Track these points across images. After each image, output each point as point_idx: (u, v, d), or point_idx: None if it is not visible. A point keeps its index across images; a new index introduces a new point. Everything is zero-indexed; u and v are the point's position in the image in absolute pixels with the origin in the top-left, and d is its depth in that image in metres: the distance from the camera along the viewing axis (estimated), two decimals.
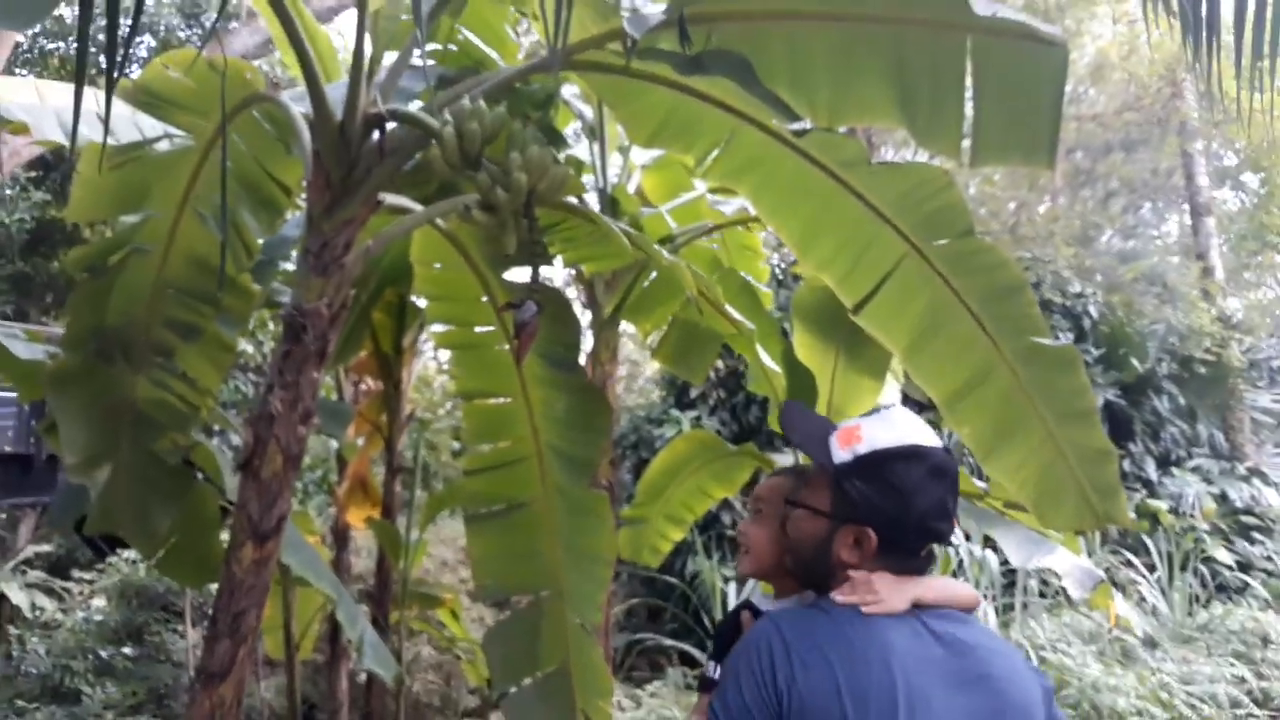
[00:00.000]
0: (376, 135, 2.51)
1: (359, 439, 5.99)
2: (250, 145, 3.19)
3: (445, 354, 6.93)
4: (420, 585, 6.04)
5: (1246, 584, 11.28)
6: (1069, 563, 4.53)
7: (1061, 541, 4.81)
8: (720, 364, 11.66)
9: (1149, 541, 10.93)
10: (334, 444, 8.70)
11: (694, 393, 12.34)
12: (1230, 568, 11.30)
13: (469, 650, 6.43)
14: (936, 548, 1.80)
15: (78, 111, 1.58)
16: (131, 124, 3.26)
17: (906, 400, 5.47)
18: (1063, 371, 2.65)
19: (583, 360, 3.74)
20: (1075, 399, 2.66)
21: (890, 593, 1.63)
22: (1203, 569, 10.99)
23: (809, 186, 2.78)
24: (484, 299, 3.34)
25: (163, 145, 3.17)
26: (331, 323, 2.49)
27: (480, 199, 2.29)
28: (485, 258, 3.17)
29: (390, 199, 2.69)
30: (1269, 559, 11.96)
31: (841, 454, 1.71)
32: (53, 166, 13.33)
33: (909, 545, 1.70)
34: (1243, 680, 8.46)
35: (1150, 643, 8.42)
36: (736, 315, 3.34)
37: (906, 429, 1.73)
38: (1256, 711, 8.34)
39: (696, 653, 9.32)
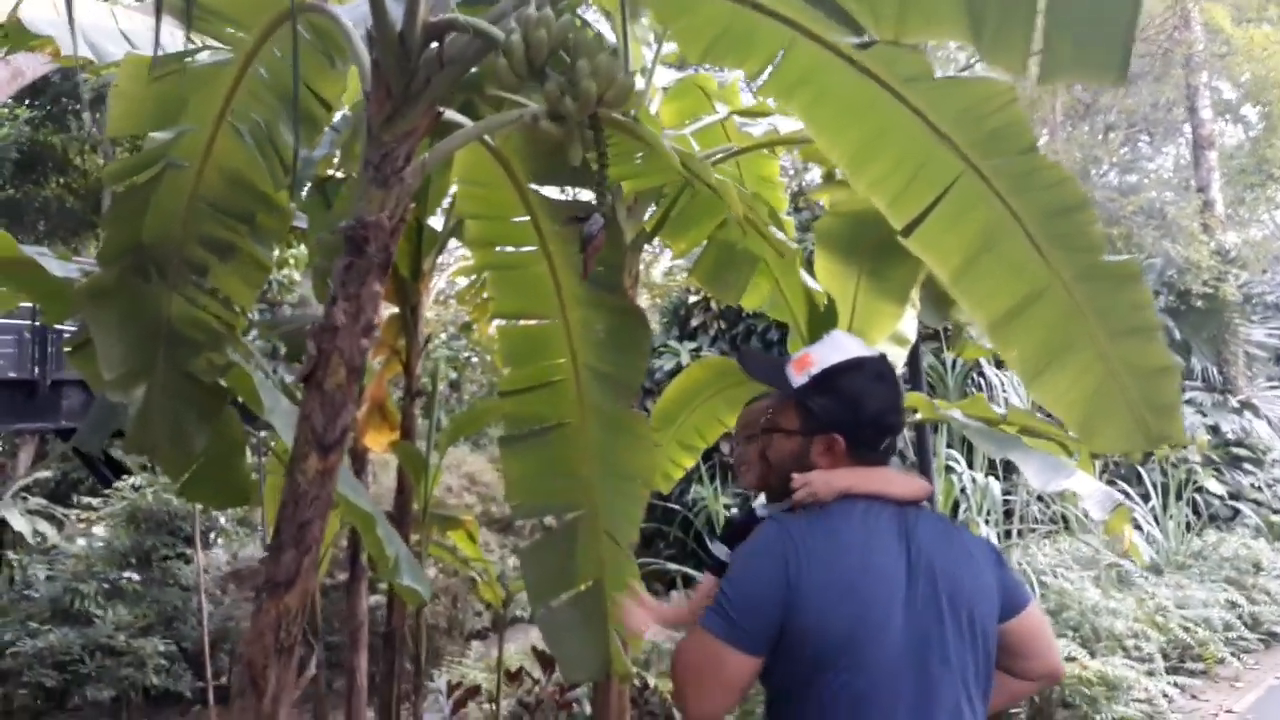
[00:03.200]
0: (435, 45, 2.47)
1: (376, 362, 5.98)
2: (291, 58, 3.14)
3: (461, 280, 6.93)
4: (438, 508, 6.09)
5: (1237, 512, 11.51)
6: (1089, 486, 4.59)
7: (1078, 466, 4.88)
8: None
9: (1142, 472, 11.11)
10: None
11: (694, 323, 12.35)
12: (1221, 498, 11.51)
13: (483, 572, 6.50)
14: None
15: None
16: (168, 38, 3.21)
17: (921, 328, 5.51)
18: (1124, 287, 2.65)
19: None
20: (1135, 315, 2.66)
21: (820, 484, 1.94)
22: (1196, 498, 11.19)
23: (865, 103, 2.75)
24: (525, 218, 3.31)
25: (203, 57, 3.12)
26: (392, 235, 2.48)
27: (548, 109, 2.27)
28: (531, 174, 3.14)
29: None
30: (1259, 489, 12.18)
31: (798, 379, 2.03)
32: (40, 91, 13.05)
33: (870, 441, 2.00)
34: (1235, 605, 8.68)
35: (1145, 569, 8.59)
36: (781, 235, 3.33)
37: (848, 347, 2.07)
38: (1248, 634, 8.59)
39: (698, 575, 9.48)
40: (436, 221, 5.21)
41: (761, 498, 2.30)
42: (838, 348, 2.07)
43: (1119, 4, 2.19)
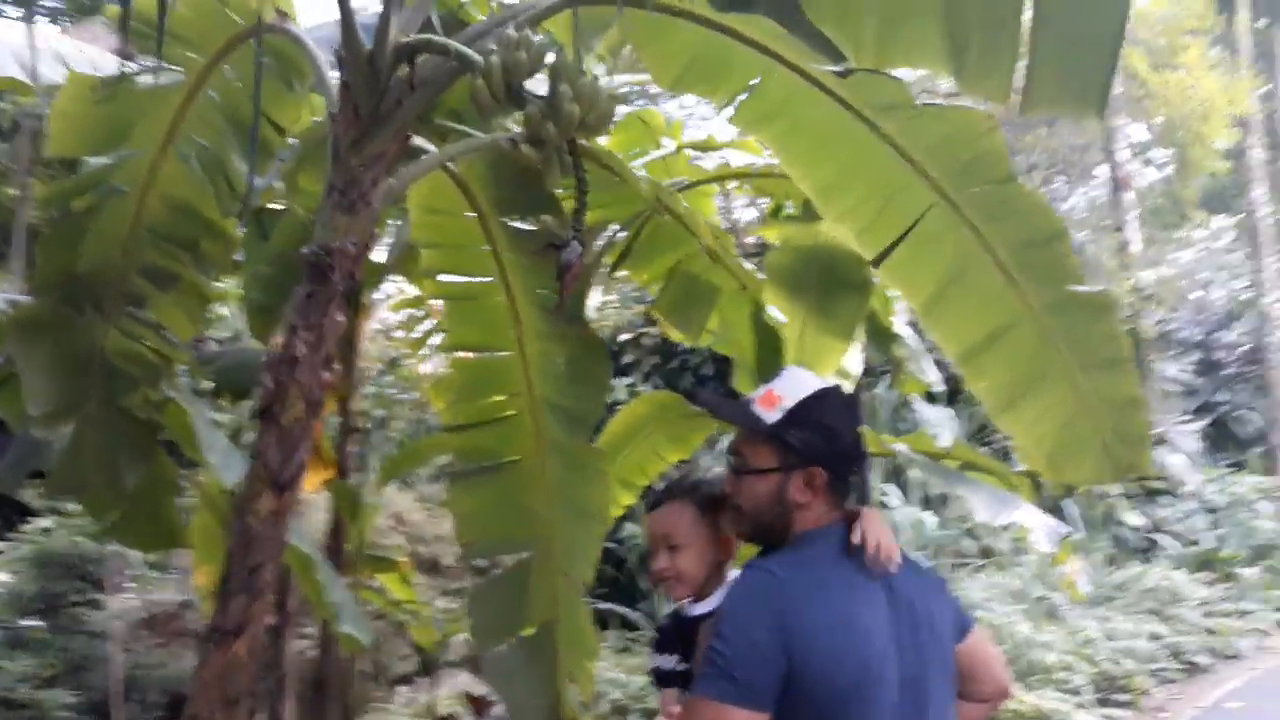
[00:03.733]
0: (406, 68, 2.38)
1: None
2: (246, 81, 3.02)
3: (399, 314, 6.76)
4: (372, 549, 5.89)
5: (1153, 544, 11.81)
6: (1036, 518, 4.62)
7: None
8: (654, 330, 11.66)
9: (1064, 506, 11.34)
10: None
11: (626, 359, 12.30)
12: (1138, 530, 11.80)
13: (416, 615, 6.31)
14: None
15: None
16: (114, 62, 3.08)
17: (865, 365, 5.54)
18: (1096, 319, 2.66)
19: None
20: (1107, 346, 2.67)
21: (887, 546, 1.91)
22: (1116, 532, 11.46)
23: (838, 133, 2.74)
24: (485, 247, 3.22)
25: (147, 79, 2.98)
26: (356, 262, 2.37)
27: (528, 132, 2.20)
28: (493, 202, 3.06)
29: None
30: (1172, 522, 12.54)
31: (771, 415, 1.97)
32: None
33: (845, 473, 1.99)
34: (1158, 636, 8.86)
35: (1080, 602, 8.75)
36: (748, 266, 3.29)
37: (811, 380, 2.05)
38: (1170, 664, 8.77)
39: (630, 613, 9.41)
40: (376, 253, 5.08)
41: (688, 603, 2.22)
42: (799, 382, 2.04)
43: (1102, 38, 2.21)
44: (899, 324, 5.19)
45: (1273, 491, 13.85)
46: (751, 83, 2.74)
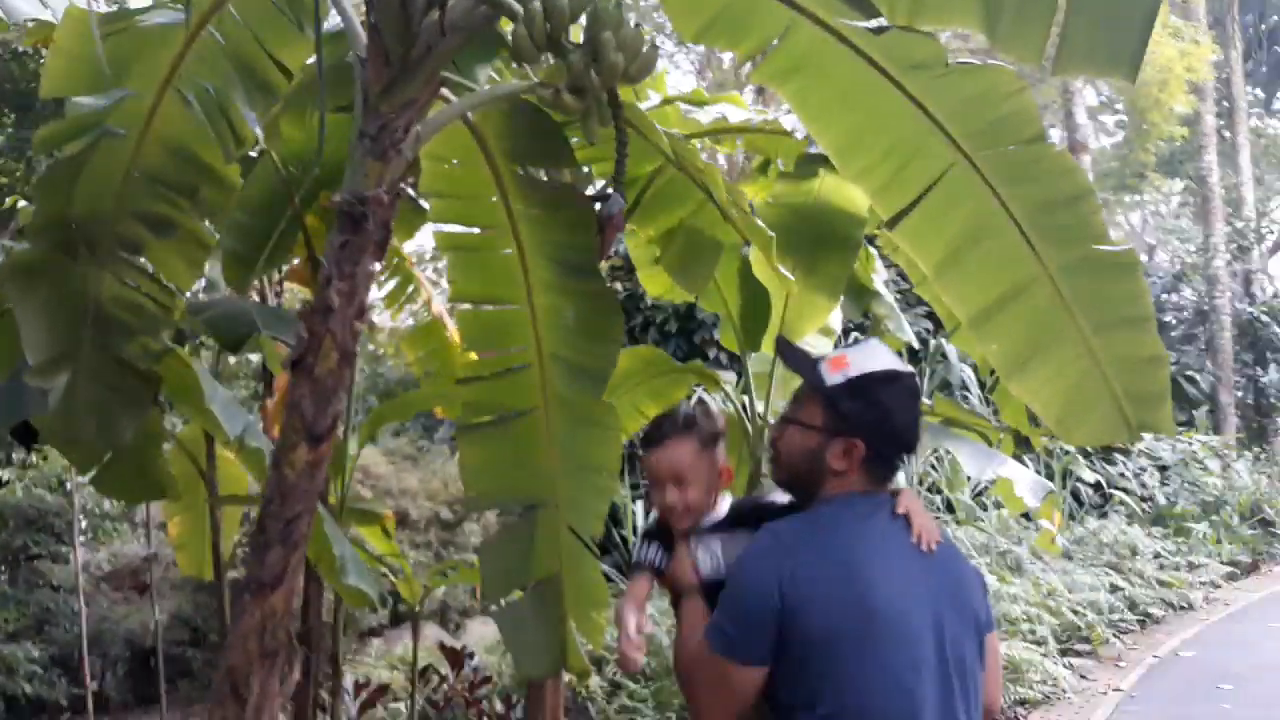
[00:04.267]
0: (437, 12, 2.33)
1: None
2: (250, 20, 2.94)
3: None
4: (355, 502, 5.84)
5: (1108, 499, 12.13)
6: (1021, 474, 4.73)
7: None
8: (619, 286, 11.62)
9: (1025, 461, 11.58)
10: (254, 358, 8.27)
11: None
12: (1095, 486, 12.10)
13: (399, 569, 6.29)
14: None
15: None
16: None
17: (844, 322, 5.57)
18: (1118, 278, 2.68)
19: None
20: (1128, 305, 2.70)
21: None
22: (1073, 487, 11.75)
23: (861, 90, 2.73)
24: (495, 198, 3.18)
25: (153, 17, 2.89)
26: (389, 210, 2.33)
27: (571, 81, 2.16)
28: (509, 153, 3.01)
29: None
30: (1125, 478, 12.87)
31: (834, 377, 2.00)
32: None
33: (889, 455, 2.03)
34: (1116, 588, 9.13)
35: (1035, 554, 8.98)
36: (759, 222, 3.28)
37: (887, 358, 2.05)
38: (1128, 615, 9.06)
39: (607, 569, 9.42)
40: None
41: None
42: (874, 356, 2.05)
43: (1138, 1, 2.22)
44: (878, 281, 5.24)
45: (1220, 449, 14.29)
46: (775, 36, 2.72)
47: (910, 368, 2.13)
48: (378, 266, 2.36)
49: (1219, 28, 19.44)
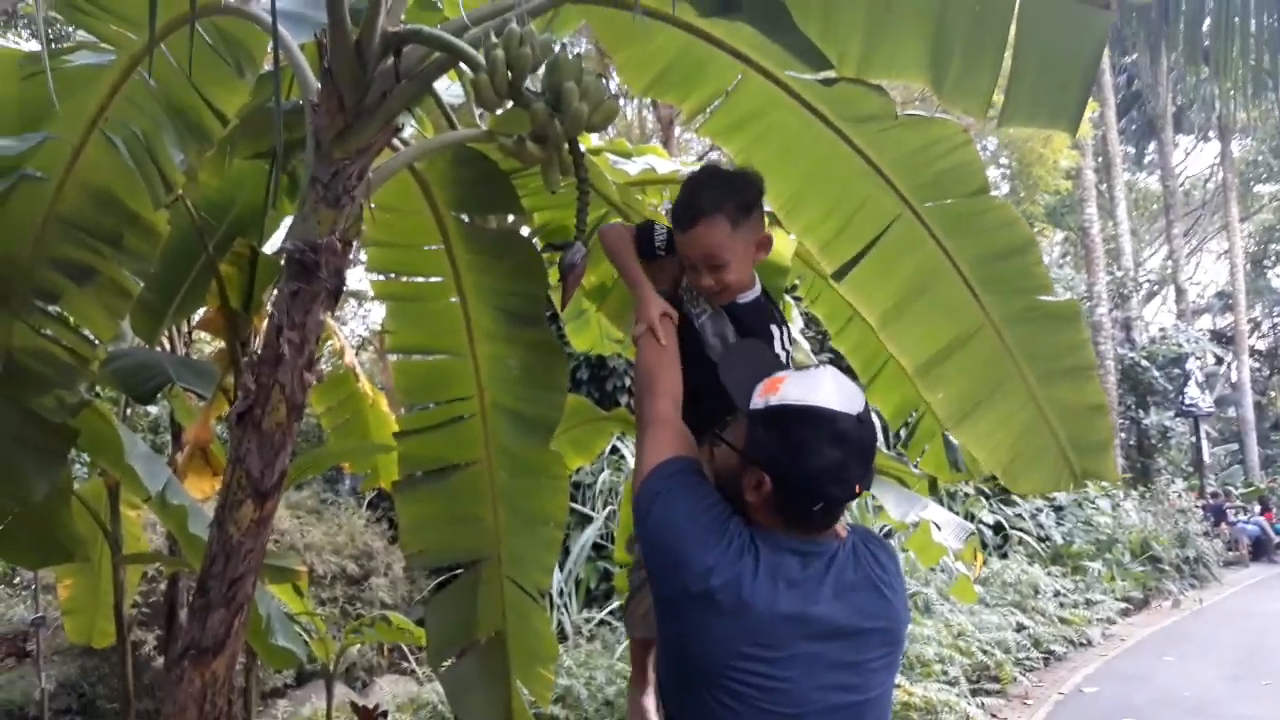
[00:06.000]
0: (392, 58, 2.29)
1: (199, 403, 5.48)
2: (184, 63, 2.84)
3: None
4: (270, 558, 5.62)
5: (1007, 539, 12.46)
6: (944, 517, 4.80)
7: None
8: None
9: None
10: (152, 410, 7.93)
11: None
12: (993, 527, 12.43)
13: (312, 627, 6.06)
14: None
15: None
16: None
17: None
18: (1060, 328, 2.76)
19: None
20: (1070, 355, 2.78)
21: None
22: (975, 528, 12.03)
23: (807, 144, 2.78)
24: (438, 246, 3.12)
25: (80, 57, 2.77)
26: (341, 258, 2.26)
27: (534, 130, 2.14)
28: (453, 201, 2.97)
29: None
30: (1021, 519, 13.24)
31: (758, 401, 1.81)
32: None
33: (798, 501, 1.76)
34: (1022, 627, 9.34)
35: (942, 595, 9.14)
36: None
37: (821, 392, 1.76)
38: (1034, 653, 9.27)
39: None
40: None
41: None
42: (811, 387, 1.77)
43: (1085, 55, 2.31)
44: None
45: (1109, 489, 14.82)
46: (724, 90, 2.76)
47: (858, 409, 1.77)
48: (327, 317, 2.27)
49: (1095, 87, 20.51)
